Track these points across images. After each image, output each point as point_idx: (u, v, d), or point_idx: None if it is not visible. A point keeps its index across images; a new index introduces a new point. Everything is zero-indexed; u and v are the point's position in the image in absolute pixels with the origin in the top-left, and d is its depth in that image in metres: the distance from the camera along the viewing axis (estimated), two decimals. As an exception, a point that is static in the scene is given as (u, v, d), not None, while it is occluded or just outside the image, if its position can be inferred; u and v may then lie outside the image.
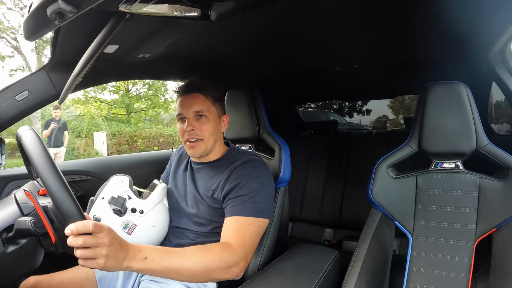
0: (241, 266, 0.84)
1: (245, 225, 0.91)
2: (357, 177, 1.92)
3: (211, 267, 0.78)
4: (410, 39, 1.18)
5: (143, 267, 0.70)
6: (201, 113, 1.01)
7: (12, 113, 0.95)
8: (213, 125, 1.02)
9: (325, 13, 0.93)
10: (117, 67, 1.14)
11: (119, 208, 0.96)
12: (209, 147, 1.03)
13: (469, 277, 0.95)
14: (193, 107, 1.01)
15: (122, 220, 0.98)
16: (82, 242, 0.59)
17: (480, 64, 1.27)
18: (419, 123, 1.05)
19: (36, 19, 0.56)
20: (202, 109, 1.01)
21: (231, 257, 0.81)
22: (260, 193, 0.95)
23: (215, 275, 0.80)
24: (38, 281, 0.94)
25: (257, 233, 0.93)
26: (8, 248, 0.62)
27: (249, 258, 0.88)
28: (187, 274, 0.76)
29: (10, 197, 0.69)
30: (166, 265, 0.73)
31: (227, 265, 0.80)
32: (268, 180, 1.00)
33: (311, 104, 3.29)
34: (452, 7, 0.89)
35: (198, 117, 1.01)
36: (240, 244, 0.86)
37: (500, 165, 0.97)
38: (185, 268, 0.75)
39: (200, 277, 0.79)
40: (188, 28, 0.92)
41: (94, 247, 0.61)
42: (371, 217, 1.07)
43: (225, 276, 0.81)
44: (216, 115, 1.04)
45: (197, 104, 1.01)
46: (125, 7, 0.64)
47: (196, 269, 0.76)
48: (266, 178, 1.00)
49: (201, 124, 1.01)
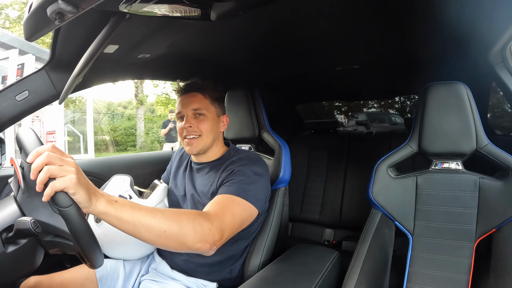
0: (215, 238, 0.75)
1: (229, 201, 0.87)
2: (357, 177, 1.92)
3: (183, 229, 0.70)
4: (410, 39, 1.18)
5: (112, 211, 0.62)
6: (199, 111, 1.03)
7: (12, 113, 0.95)
8: (211, 123, 1.04)
9: (325, 14, 0.93)
10: (117, 67, 1.14)
11: None
12: (207, 145, 1.05)
13: (469, 277, 0.95)
14: (191, 105, 1.03)
15: None
16: (47, 160, 0.54)
17: (480, 64, 1.27)
18: (419, 123, 1.05)
19: (36, 19, 0.56)
20: (200, 107, 1.03)
21: (206, 224, 0.74)
22: (251, 180, 0.94)
23: (187, 239, 0.70)
24: (39, 281, 0.94)
25: (240, 214, 0.87)
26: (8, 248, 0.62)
27: (225, 234, 0.79)
28: (157, 232, 0.67)
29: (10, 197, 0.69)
30: (136, 216, 0.64)
31: (200, 230, 0.73)
32: (263, 173, 0.99)
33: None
34: (452, 8, 0.89)
35: (196, 115, 1.03)
36: (218, 216, 0.81)
37: (500, 165, 0.97)
38: (156, 223, 0.67)
39: (170, 239, 0.69)
40: (188, 28, 0.92)
41: (60, 166, 0.55)
42: (371, 217, 1.07)
43: (197, 244, 0.72)
44: (214, 114, 1.06)
45: (195, 102, 1.03)
46: (125, 7, 0.64)
47: (168, 228, 0.68)
48: (260, 170, 0.99)
49: (199, 122, 1.03)
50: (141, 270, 1.07)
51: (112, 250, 1.02)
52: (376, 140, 2.02)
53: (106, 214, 0.62)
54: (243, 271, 1.04)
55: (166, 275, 1.01)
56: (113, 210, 0.63)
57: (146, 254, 1.09)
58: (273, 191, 1.18)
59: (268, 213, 1.12)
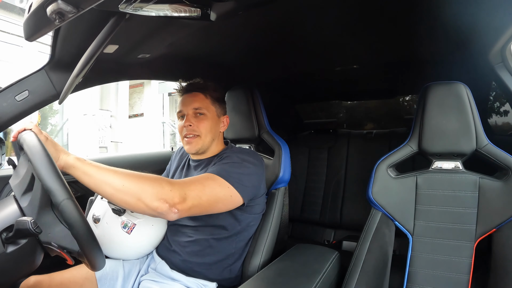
0: (175, 200, 0.74)
1: (204, 177, 0.86)
2: (357, 177, 1.92)
3: (141, 185, 0.73)
4: (410, 39, 1.18)
5: (79, 164, 0.72)
6: (199, 110, 1.04)
7: (12, 113, 0.95)
8: (211, 123, 1.05)
9: (325, 13, 0.93)
10: (117, 67, 1.14)
11: (118, 207, 0.96)
12: (206, 144, 1.05)
13: (469, 277, 0.95)
14: (192, 104, 1.04)
15: (121, 219, 0.98)
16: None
17: (480, 64, 1.27)
18: (419, 123, 1.05)
19: (36, 19, 0.56)
20: (201, 106, 1.04)
21: (167, 185, 0.75)
22: (237, 165, 0.93)
23: (144, 195, 0.72)
24: (39, 281, 0.94)
25: (213, 188, 0.84)
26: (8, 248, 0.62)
27: (188, 200, 0.77)
28: (116, 186, 0.71)
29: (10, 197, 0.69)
30: (100, 171, 0.72)
31: (159, 189, 0.74)
32: (253, 162, 0.98)
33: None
34: (452, 7, 0.89)
35: (196, 114, 1.04)
36: (184, 182, 0.81)
37: (500, 165, 0.97)
38: (117, 178, 0.72)
39: (128, 194, 0.72)
40: (188, 28, 0.92)
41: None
42: (371, 217, 1.07)
43: (154, 202, 0.72)
44: (214, 114, 1.07)
45: (196, 101, 1.04)
46: (125, 7, 0.64)
47: (127, 183, 0.72)
48: (250, 159, 0.98)
49: (199, 121, 1.04)
50: (140, 270, 1.07)
51: (111, 250, 1.02)
52: (376, 140, 2.02)
53: (75, 168, 0.73)
54: (243, 271, 1.04)
55: (165, 275, 1.01)
56: (80, 164, 0.73)
57: (145, 254, 1.09)
58: (273, 191, 1.18)
59: (268, 213, 1.12)
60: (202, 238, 1.00)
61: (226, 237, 1.01)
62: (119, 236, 0.99)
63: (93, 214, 1.00)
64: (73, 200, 0.61)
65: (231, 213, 0.98)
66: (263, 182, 1.05)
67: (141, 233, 1.01)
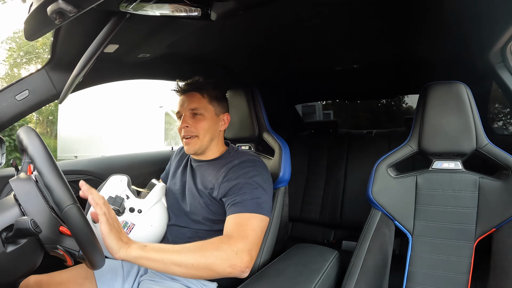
0: (244, 260, 0.79)
1: (246, 219, 0.89)
2: (357, 177, 1.92)
3: (209, 260, 0.76)
4: (410, 39, 1.18)
5: (143, 254, 0.72)
6: (196, 111, 1.04)
7: (12, 113, 0.95)
8: (208, 123, 1.04)
9: (325, 13, 0.93)
10: (117, 67, 1.14)
11: (117, 207, 0.96)
12: (204, 145, 1.05)
13: (469, 277, 0.95)
14: (189, 105, 1.04)
15: (121, 219, 0.98)
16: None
17: (480, 64, 1.27)
18: (419, 123, 1.05)
19: (37, 19, 0.56)
20: (198, 107, 1.04)
21: (230, 248, 0.79)
22: (260, 191, 0.94)
23: (216, 267, 0.76)
24: (38, 281, 0.93)
25: (260, 228, 0.89)
26: (8, 248, 0.62)
27: (253, 252, 0.83)
28: (186, 266, 0.74)
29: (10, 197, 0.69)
30: (166, 255, 0.74)
31: (226, 256, 0.77)
32: (267, 179, 1.00)
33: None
34: (452, 7, 0.89)
35: (193, 115, 1.04)
36: (241, 236, 0.83)
37: (500, 165, 0.97)
38: (183, 258, 0.74)
39: (199, 270, 0.76)
40: (189, 28, 0.92)
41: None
42: (371, 217, 1.07)
43: (227, 269, 0.77)
44: (213, 114, 1.06)
45: (193, 102, 1.04)
46: (126, 7, 0.64)
47: (194, 261, 0.75)
48: (265, 176, 0.99)
49: (196, 122, 1.03)
50: (140, 270, 1.07)
51: None
52: (376, 140, 2.02)
53: (138, 258, 0.73)
54: (243, 270, 1.04)
55: (165, 275, 1.01)
56: (143, 253, 0.73)
57: None
58: (273, 191, 1.18)
59: (268, 213, 1.12)
60: (203, 239, 1.00)
61: None
62: None
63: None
64: (77, 205, 0.62)
65: None
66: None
67: (140, 233, 1.00)
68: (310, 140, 2.17)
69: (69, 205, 0.61)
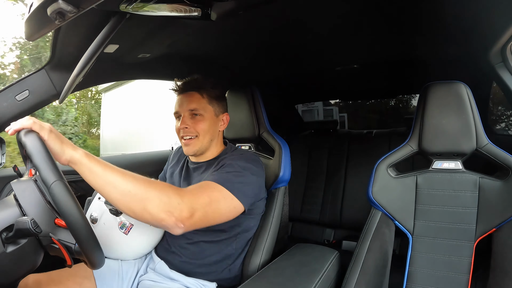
0: (183, 213, 0.71)
1: (210, 186, 0.83)
2: (357, 177, 1.92)
3: (148, 194, 0.68)
4: (410, 39, 1.18)
5: (86, 161, 0.67)
6: (195, 111, 1.02)
7: (12, 113, 0.95)
8: (208, 123, 1.03)
9: (325, 13, 0.93)
10: (118, 67, 1.14)
11: (115, 208, 0.96)
12: (204, 145, 1.04)
13: (469, 277, 0.95)
14: (188, 105, 1.02)
15: (119, 220, 0.98)
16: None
17: (480, 64, 1.27)
18: (419, 123, 1.05)
19: (37, 19, 0.56)
20: (197, 107, 1.02)
21: (175, 197, 0.71)
22: (239, 174, 0.91)
23: (150, 206, 0.68)
24: (37, 280, 0.93)
25: (218, 201, 0.82)
26: (8, 248, 0.62)
27: (196, 215, 0.74)
28: (122, 190, 0.67)
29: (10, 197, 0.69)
30: (108, 172, 0.67)
31: (167, 201, 0.70)
32: (254, 171, 0.96)
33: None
34: (452, 7, 0.89)
35: (193, 115, 1.03)
36: (193, 194, 0.77)
37: (500, 165, 0.97)
38: (124, 182, 0.67)
39: (133, 200, 0.68)
40: (189, 28, 0.92)
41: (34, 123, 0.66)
42: (371, 217, 1.07)
43: (161, 213, 0.69)
44: (212, 114, 1.05)
45: (192, 102, 1.02)
46: (126, 7, 0.64)
47: (133, 189, 0.68)
48: (252, 167, 0.96)
49: (196, 122, 1.02)
50: (139, 270, 1.07)
51: (109, 251, 1.02)
52: (376, 140, 2.02)
53: (81, 164, 0.67)
54: (242, 270, 1.04)
55: (164, 275, 1.01)
56: (87, 161, 0.67)
57: (143, 254, 1.09)
58: (273, 190, 1.18)
59: (268, 213, 1.12)
60: (202, 241, 1.00)
61: (226, 239, 1.01)
62: (117, 237, 0.99)
63: (90, 214, 1.00)
64: (64, 182, 0.60)
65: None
66: (263, 188, 1.04)
67: (139, 234, 1.01)
68: (310, 140, 2.16)
69: (55, 181, 0.59)
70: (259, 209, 1.07)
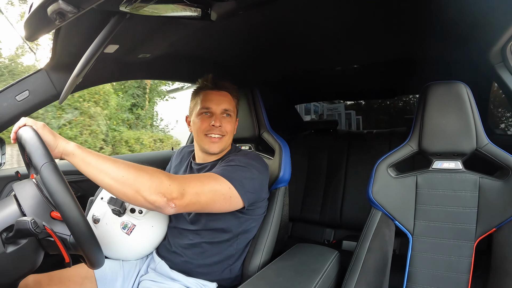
0: (173, 195, 0.73)
1: (206, 175, 0.85)
2: (357, 176, 1.92)
3: (140, 178, 0.72)
4: (410, 39, 1.18)
5: (79, 153, 0.72)
6: (228, 112, 1.06)
7: (12, 113, 0.95)
8: (233, 125, 1.09)
9: (325, 13, 0.93)
10: (118, 67, 1.14)
11: (118, 208, 0.96)
12: (226, 145, 1.08)
13: (469, 277, 0.95)
14: (222, 104, 1.05)
15: (121, 220, 0.98)
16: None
17: (481, 64, 1.27)
18: (419, 123, 1.05)
19: (37, 19, 0.56)
20: (230, 108, 1.06)
21: (166, 180, 0.74)
22: (240, 167, 0.92)
23: (142, 188, 0.71)
24: (38, 280, 0.93)
25: (213, 187, 0.83)
26: (8, 248, 0.62)
27: (186, 196, 0.76)
28: (117, 178, 0.71)
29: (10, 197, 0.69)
30: (99, 160, 0.71)
31: (158, 182, 0.73)
32: (257, 167, 0.97)
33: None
34: (452, 7, 0.89)
35: (225, 115, 1.06)
36: (184, 178, 0.79)
37: (500, 165, 0.97)
38: (116, 169, 0.71)
39: (126, 185, 0.71)
40: (189, 28, 0.92)
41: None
42: (371, 217, 1.07)
43: (152, 195, 0.71)
44: (235, 116, 1.10)
45: (226, 102, 1.06)
46: (126, 7, 0.64)
47: (126, 174, 0.71)
48: (255, 163, 0.98)
49: (227, 123, 1.05)
50: (140, 270, 1.07)
51: (110, 251, 1.02)
52: (376, 140, 2.02)
53: (74, 155, 0.72)
54: (243, 270, 1.04)
55: (165, 275, 1.01)
56: (80, 152, 0.72)
57: (145, 255, 1.09)
58: (273, 190, 1.18)
59: (268, 213, 1.12)
60: (203, 241, 1.00)
61: (227, 239, 1.01)
62: (119, 237, 0.99)
63: (93, 215, 1.00)
64: (54, 163, 0.62)
65: (232, 216, 0.98)
66: (265, 187, 1.04)
67: (141, 234, 1.01)
68: (310, 140, 2.17)
69: (45, 163, 0.61)
70: (260, 209, 1.07)
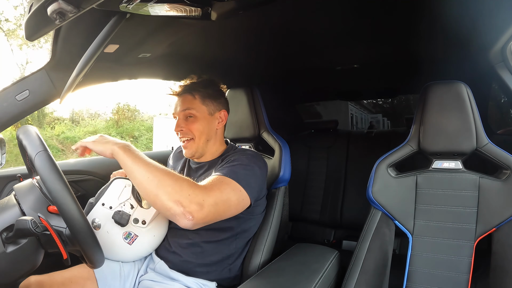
0: (192, 205, 0.72)
1: (219, 180, 0.85)
2: (357, 176, 1.92)
3: (163, 182, 0.72)
4: (410, 38, 1.18)
5: (119, 153, 0.76)
6: (188, 112, 1.04)
7: (12, 113, 0.95)
8: (202, 123, 1.04)
9: (325, 12, 0.93)
10: (118, 67, 1.14)
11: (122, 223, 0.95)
12: (201, 147, 1.05)
13: (469, 277, 0.95)
14: (181, 107, 1.04)
15: (124, 230, 0.97)
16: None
17: (481, 64, 1.27)
18: (419, 123, 1.05)
19: (37, 19, 0.56)
20: (190, 107, 1.03)
21: (187, 189, 0.74)
22: (245, 166, 0.93)
23: (162, 194, 0.71)
24: (39, 281, 0.93)
25: (228, 193, 0.83)
26: (8, 248, 0.62)
27: (206, 208, 0.74)
28: (143, 178, 0.73)
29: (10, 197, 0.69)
30: (136, 162, 0.75)
31: (179, 190, 0.72)
32: (259, 165, 0.98)
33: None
34: (452, 7, 0.89)
35: (186, 117, 1.04)
36: (205, 188, 0.79)
37: (500, 165, 0.97)
38: (145, 172, 0.73)
39: (150, 186, 0.72)
40: (189, 28, 0.92)
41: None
42: (371, 217, 1.07)
43: (170, 202, 0.71)
44: (206, 113, 1.06)
45: (184, 104, 1.04)
46: (126, 7, 0.64)
47: (152, 177, 0.73)
48: (256, 161, 0.98)
49: (189, 124, 1.04)
50: (139, 270, 1.07)
51: (109, 254, 1.02)
52: (376, 140, 2.02)
53: (117, 156, 0.77)
54: (242, 270, 1.04)
55: (165, 275, 1.01)
56: (122, 154, 0.77)
57: (142, 257, 1.08)
58: (273, 190, 1.19)
59: (268, 213, 1.12)
60: (203, 241, 1.00)
61: (226, 238, 1.01)
62: (120, 247, 0.97)
63: (93, 220, 0.99)
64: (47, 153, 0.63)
65: (234, 216, 0.98)
66: (265, 184, 1.05)
67: (143, 244, 1.00)
68: (310, 140, 2.17)
69: (39, 152, 0.62)
70: (259, 208, 1.07)
